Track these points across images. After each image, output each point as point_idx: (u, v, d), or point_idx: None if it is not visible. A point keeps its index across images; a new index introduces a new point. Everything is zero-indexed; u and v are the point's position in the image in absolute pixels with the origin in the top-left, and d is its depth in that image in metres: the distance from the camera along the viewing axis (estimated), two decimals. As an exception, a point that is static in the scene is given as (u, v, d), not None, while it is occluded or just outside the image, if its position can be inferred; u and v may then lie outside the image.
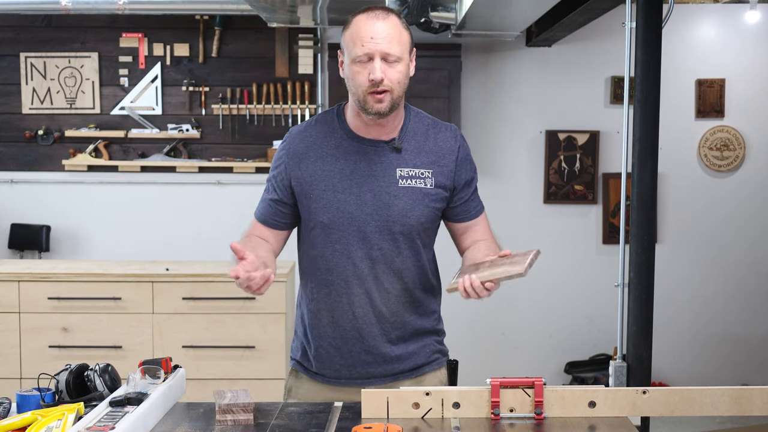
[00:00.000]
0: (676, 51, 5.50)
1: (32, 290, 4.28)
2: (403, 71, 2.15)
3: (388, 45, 2.10)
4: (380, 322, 2.25)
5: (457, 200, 2.29)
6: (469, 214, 2.32)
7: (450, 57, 5.42)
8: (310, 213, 2.23)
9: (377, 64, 2.10)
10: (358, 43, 2.11)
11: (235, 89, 5.58)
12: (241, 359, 4.27)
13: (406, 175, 2.21)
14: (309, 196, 2.22)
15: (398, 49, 2.12)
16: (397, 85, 2.13)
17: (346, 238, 2.21)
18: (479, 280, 2.02)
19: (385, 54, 2.10)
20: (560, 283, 5.69)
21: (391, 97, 2.13)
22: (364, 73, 2.11)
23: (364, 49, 2.10)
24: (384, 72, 2.10)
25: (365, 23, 2.13)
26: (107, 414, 1.83)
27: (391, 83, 2.12)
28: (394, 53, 2.11)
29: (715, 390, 1.94)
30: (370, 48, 2.10)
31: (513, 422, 1.93)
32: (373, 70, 2.10)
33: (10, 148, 5.65)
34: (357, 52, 2.11)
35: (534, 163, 5.67)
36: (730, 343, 5.72)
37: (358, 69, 2.12)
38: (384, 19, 2.14)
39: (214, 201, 5.64)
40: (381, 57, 2.11)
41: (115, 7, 5.00)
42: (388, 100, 2.13)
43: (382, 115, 2.15)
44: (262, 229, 2.31)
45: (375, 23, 2.12)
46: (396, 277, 2.24)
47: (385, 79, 2.11)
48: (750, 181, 5.69)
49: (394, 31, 2.13)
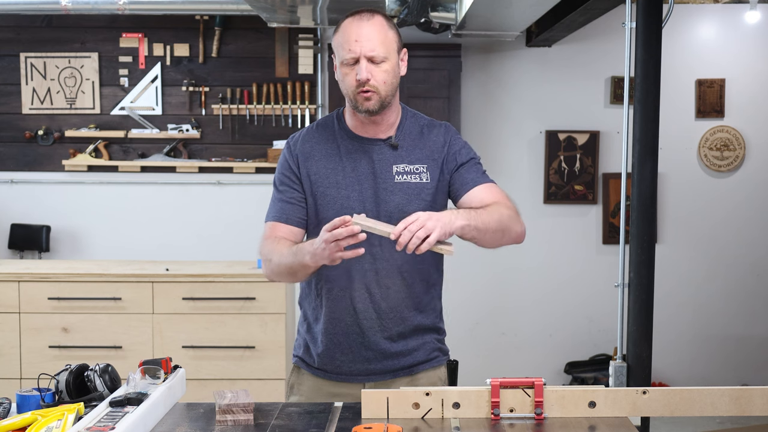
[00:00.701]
0: (676, 51, 5.50)
1: (32, 290, 4.28)
2: (389, 71, 2.21)
3: (372, 47, 2.18)
4: (380, 318, 2.28)
5: (453, 179, 2.29)
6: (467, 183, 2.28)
7: (450, 57, 5.41)
8: (317, 210, 2.28)
9: (363, 65, 2.18)
10: (345, 46, 2.19)
11: (235, 89, 5.58)
12: (241, 359, 4.27)
13: (401, 171, 2.27)
14: (315, 194, 2.28)
15: (383, 49, 2.19)
16: (383, 85, 2.20)
17: None
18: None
19: (370, 56, 2.18)
20: (560, 283, 5.69)
21: (379, 96, 2.20)
22: (352, 74, 2.20)
23: (351, 53, 2.18)
24: (370, 72, 2.18)
25: (350, 27, 2.20)
26: (107, 414, 1.83)
27: (377, 83, 2.19)
28: (379, 54, 2.18)
29: (715, 390, 1.94)
30: (355, 51, 2.18)
31: (513, 422, 1.93)
32: (360, 71, 2.18)
33: (10, 148, 5.65)
34: (344, 56, 2.20)
35: (534, 163, 5.67)
36: (730, 343, 5.72)
37: (347, 71, 2.21)
38: (368, 20, 2.20)
39: (214, 201, 5.64)
40: (366, 58, 2.18)
41: (115, 7, 5.00)
42: (375, 99, 2.20)
43: (372, 113, 2.22)
44: (285, 230, 2.28)
45: (360, 26, 2.19)
46: (396, 273, 2.27)
47: (372, 80, 2.18)
48: (750, 181, 5.69)
49: (379, 33, 2.19)
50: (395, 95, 2.27)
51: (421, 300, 2.32)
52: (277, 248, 2.23)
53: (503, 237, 2.20)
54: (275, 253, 2.23)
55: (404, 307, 2.29)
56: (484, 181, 2.30)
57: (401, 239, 1.97)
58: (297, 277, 2.24)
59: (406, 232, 1.97)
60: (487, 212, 2.15)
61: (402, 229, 1.97)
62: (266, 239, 2.29)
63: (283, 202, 2.31)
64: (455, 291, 5.07)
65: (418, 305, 2.32)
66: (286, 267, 2.20)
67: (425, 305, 2.33)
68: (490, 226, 2.14)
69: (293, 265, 2.17)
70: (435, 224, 1.98)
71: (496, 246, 2.23)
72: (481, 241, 2.16)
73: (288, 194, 2.30)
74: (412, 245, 1.96)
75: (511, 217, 2.21)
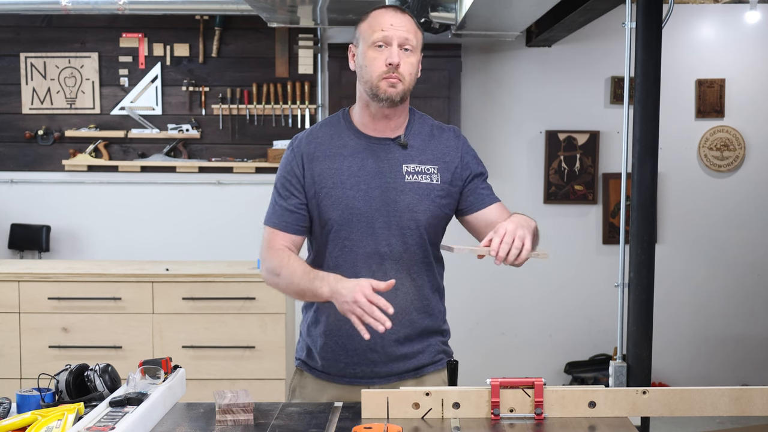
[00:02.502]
0: (676, 51, 5.50)
1: (32, 290, 4.28)
2: (415, 64, 2.22)
3: (406, 33, 2.19)
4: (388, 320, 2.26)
5: (468, 191, 2.29)
6: (484, 199, 2.30)
7: (450, 57, 5.41)
8: (320, 211, 2.24)
9: (395, 49, 2.17)
10: (378, 28, 2.19)
11: (235, 89, 5.58)
12: (241, 359, 4.27)
13: (412, 171, 2.24)
14: (318, 195, 2.24)
15: (415, 40, 2.21)
16: (408, 76, 2.20)
17: (355, 235, 2.22)
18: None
19: (403, 40, 2.18)
20: (560, 283, 5.69)
21: (403, 86, 2.20)
22: (381, 58, 2.18)
23: (384, 33, 2.18)
24: (402, 58, 2.18)
25: (385, 13, 2.22)
26: (107, 414, 1.83)
27: (404, 71, 2.19)
28: (412, 42, 2.20)
29: (715, 390, 1.94)
30: (390, 33, 2.18)
31: (513, 422, 1.93)
32: (391, 54, 2.17)
33: (10, 148, 5.65)
34: (376, 37, 2.18)
35: (534, 163, 5.67)
36: (730, 343, 5.72)
37: (375, 55, 2.19)
38: (402, 12, 2.24)
39: (214, 201, 5.64)
40: (399, 43, 2.18)
41: (115, 7, 5.00)
42: (400, 87, 2.19)
43: (393, 103, 2.20)
44: (287, 239, 2.26)
45: (395, 14, 2.22)
46: (405, 274, 2.25)
47: (401, 66, 2.17)
48: (750, 181, 5.69)
49: (412, 24, 2.23)
50: (410, 93, 2.26)
51: (429, 302, 2.31)
52: (288, 264, 2.20)
53: None
54: (285, 269, 2.20)
55: (413, 309, 2.27)
56: (497, 200, 2.32)
57: (501, 253, 1.97)
58: (304, 298, 2.24)
59: (503, 245, 1.97)
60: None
61: (498, 245, 1.98)
62: (271, 249, 2.25)
63: (284, 210, 2.27)
64: (455, 291, 5.04)
65: (426, 307, 2.30)
66: (297, 289, 2.19)
67: (433, 307, 2.32)
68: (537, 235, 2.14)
69: (305, 291, 2.16)
70: (524, 232, 1.99)
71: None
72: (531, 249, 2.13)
73: (289, 201, 2.26)
74: (512, 257, 1.97)
75: None
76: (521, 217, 2.11)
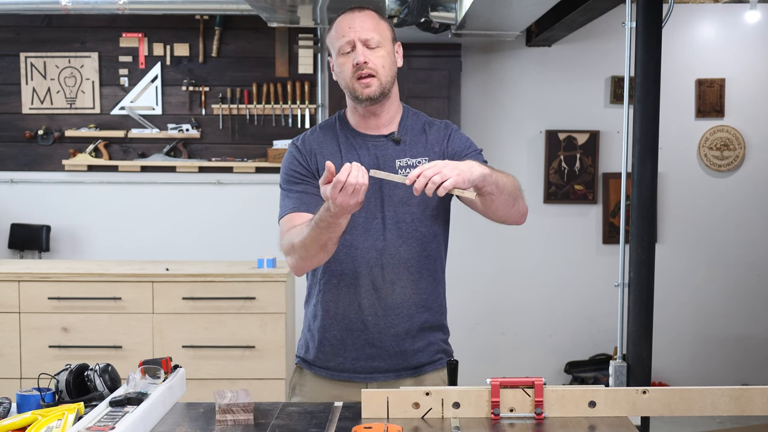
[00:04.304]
0: (676, 51, 5.50)
1: (32, 290, 4.28)
2: (385, 57, 2.24)
3: (365, 31, 2.23)
4: (386, 315, 2.27)
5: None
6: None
7: (450, 57, 5.42)
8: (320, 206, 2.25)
9: (359, 48, 2.21)
10: (340, 35, 2.24)
11: (235, 89, 5.58)
12: (241, 359, 4.27)
13: (404, 164, 2.28)
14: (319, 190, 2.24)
15: (377, 35, 2.23)
16: (381, 69, 2.23)
17: (354, 229, 2.24)
18: None
19: (364, 40, 2.22)
20: (560, 283, 5.69)
21: (379, 81, 2.23)
22: (349, 62, 2.23)
23: (345, 38, 2.23)
24: (366, 55, 2.21)
25: (343, 19, 2.27)
26: (107, 414, 1.83)
27: (375, 66, 2.22)
28: (374, 39, 2.22)
29: (715, 390, 1.94)
30: (350, 36, 2.22)
31: (513, 422, 1.93)
32: (356, 55, 2.21)
33: (10, 148, 5.65)
34: (340, 44, 2.24)
35: (534, 163, 5.67)
36: (730, 343, 5.72)
37: (344, 60, 2.24)
38: (360, 11, 2.27)
39: (214, 201, 5.64)
40: (362, 43, 2.22)
41: (115, 7, 5.00)
42: (375, 84, 2.22)
43: (372, 101, 2.24)
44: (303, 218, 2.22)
45: (352, 16, 2.26)
46: (403, 267, 2.26)
47: (369, 62, 2.21)
48: (750, 181, 5.69)
49: (371, 21, 2.25)
50: (394, 86, 2.29)
51: (428, 296, 2.32)
52: (295, 229, 2.18)
53: (513, 206, 2.20)
54: (295, 236, 2.16)
55: (411, 304, 2.28)
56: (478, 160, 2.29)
57: (417, 184, 1.95)
58: (326, 246, 2.13)
59: (421, 177, 1.95)
60: (504, 175, 2.15)
61: (417, 175, 1.96)
62: (285, 233, 2.24)
63: (298, 193, 2.27)
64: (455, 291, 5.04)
65: (425, 301, 2.31)
66: (311, 239, 2.10)
67: (431, 302, 2.33)
68: (506, 187, 2.13)
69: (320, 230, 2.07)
70: (452, 171, 1.97)
71: (503, 216, 2.21)
72: (495, 201, 2.13)
73: (301, 186, 2.27)
74: (429, 190, 1.94)
75: (520, 190, 2.22)
76: (471, 162, 2.08)
